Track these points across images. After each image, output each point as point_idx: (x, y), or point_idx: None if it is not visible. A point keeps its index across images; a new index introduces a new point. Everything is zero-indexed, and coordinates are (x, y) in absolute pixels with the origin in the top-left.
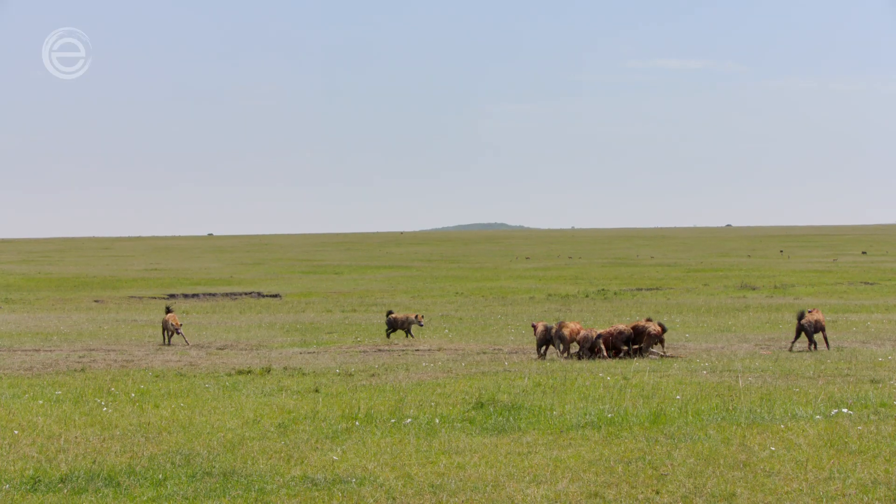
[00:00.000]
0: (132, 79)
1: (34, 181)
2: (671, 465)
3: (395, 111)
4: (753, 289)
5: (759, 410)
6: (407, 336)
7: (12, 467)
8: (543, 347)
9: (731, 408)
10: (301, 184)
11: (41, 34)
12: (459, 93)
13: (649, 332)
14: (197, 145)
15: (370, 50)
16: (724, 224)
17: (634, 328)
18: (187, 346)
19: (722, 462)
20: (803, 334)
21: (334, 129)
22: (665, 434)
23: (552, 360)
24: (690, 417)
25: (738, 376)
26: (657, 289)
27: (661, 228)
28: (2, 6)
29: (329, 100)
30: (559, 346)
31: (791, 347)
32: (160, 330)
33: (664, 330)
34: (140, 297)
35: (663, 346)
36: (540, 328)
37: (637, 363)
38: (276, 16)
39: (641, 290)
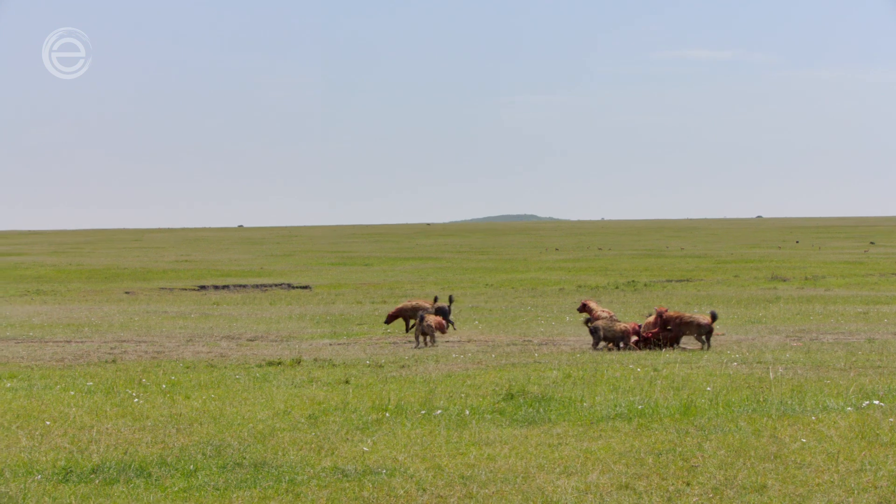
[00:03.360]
0: (147, 74)
1: (67, 174)
2: (702, 456)
3: (425, 102)
4: (784, 280)
5: (790, 402)
6: None
7: (44, 458)
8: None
9: (761, 399)
10: (330, 176)
11: (41, 34)
12: (489, 83)
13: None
14: (227, 138)
15: (398, 41)
16: (754, 215)
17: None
18: None
19: (753, 454)
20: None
21: (363, 121)
22: (695, 426)
23: (582, 351)
24: (721, 409)
25: (768, 368)
26: (687, 280)
27: (691, 220)
28: (2, 6)
29: (358, 92)
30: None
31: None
32: (191, 321)
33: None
34: (171, 289)
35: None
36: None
37: (667, 355)
38: (301, 7)
39: (671, 281)
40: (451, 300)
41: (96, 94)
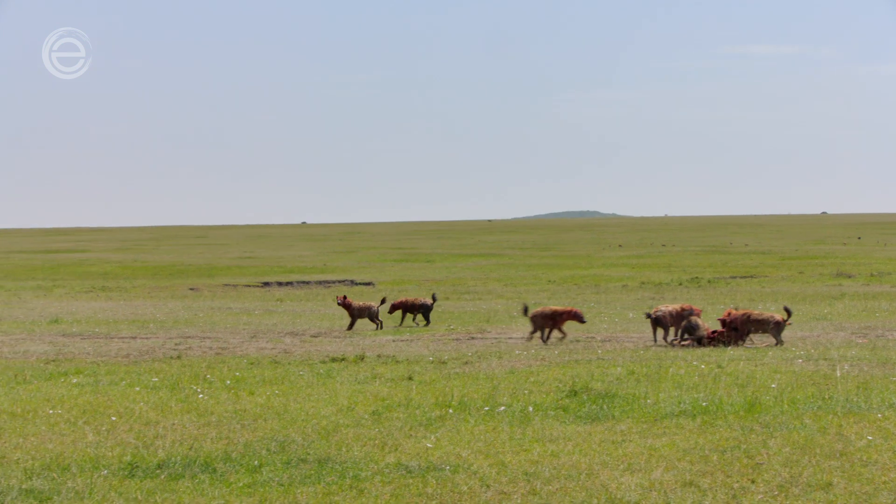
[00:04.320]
0: (187, 74)
1: (132, 171)
2: (766, 454)
3: (487, 100)
4: (849, 276)
5: (855, 399)
6: None
7: (110, 453)
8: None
9: (827, 397)
10: (393, 173)
11: (41, 34)
12: (551, 80)
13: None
14: (290, 136)
15: (459, 39)
16: (819, 211)
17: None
18: None
19: (818, 451)
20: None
21: (426, 119)
22: (760, 423)
23: (646, 348)
24: (786, 406)
25: (834, 365)
26: (751, 276)
27: (755, 216)
28: (2, 6)
29: (421, 90)
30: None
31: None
32: (255, 317)
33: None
34: (235, 285)
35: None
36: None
37: (731, 352)
38: (362, 5)
39: (735, 277)
40: (434, 298)
41: (126, 91)
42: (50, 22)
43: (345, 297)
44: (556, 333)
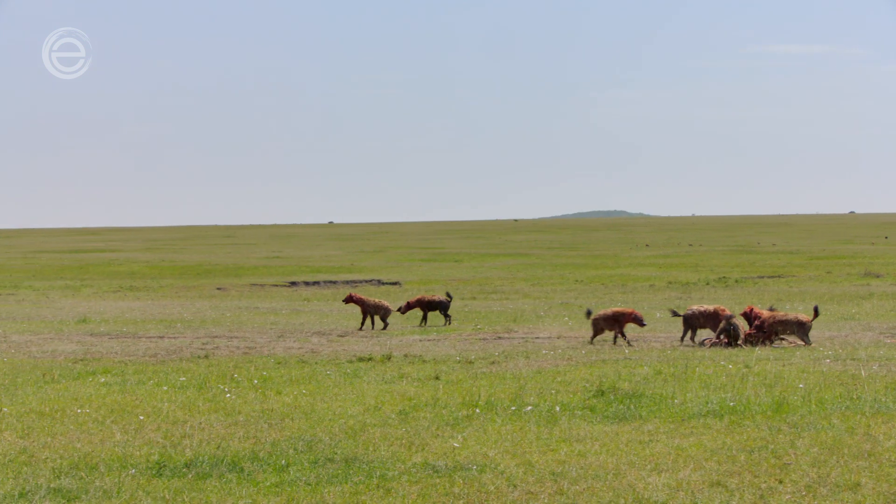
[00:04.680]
0: (221, 71)
1: (161, 172)
2: (794, 454)
3: (515, 100)
4: (878, 276)
5: (884, 399)
6: None
7: (138, 452)
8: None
9: (855, 397)
10: (419, 173)
11: (41, 34)
12: (579, 80)
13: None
14: (318, 137)
15: (485, 40)
16: (847, 211)
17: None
18: None
19: (846, 451)
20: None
21: (453, 119)
22: (788, 423)
23: (673, 348)
24: (814, 406)
25: (862, 365)
26: (779, 276)
27: (783, 215)
28: (2, 6)
29: (446, 91)
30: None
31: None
32: (282, 317)
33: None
34: (262, 285)
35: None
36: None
37: (759, 352)
38: (387, 5)
39: (763, 277)
40: (449, 297)
41: (210, 90)
42: (50, 22)
43: (350, 295)
44: (584, 333)
